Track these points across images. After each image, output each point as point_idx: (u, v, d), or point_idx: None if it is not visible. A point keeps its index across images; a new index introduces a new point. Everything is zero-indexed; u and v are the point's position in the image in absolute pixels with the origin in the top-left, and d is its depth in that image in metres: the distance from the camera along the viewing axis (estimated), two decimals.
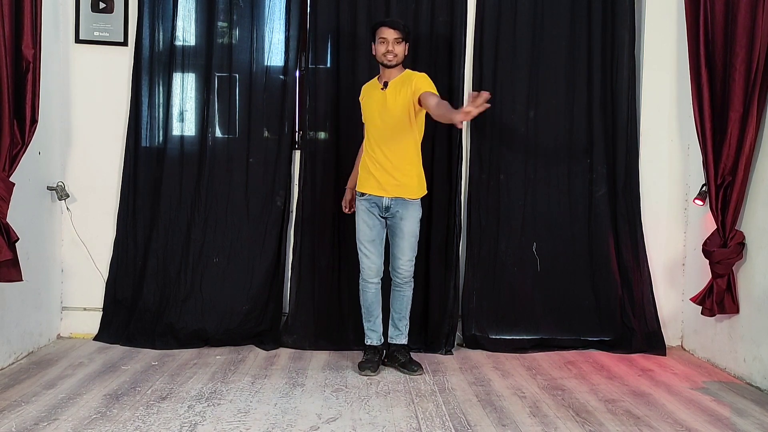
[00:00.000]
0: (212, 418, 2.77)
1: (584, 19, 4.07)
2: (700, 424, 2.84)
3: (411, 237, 3.50)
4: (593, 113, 4.08)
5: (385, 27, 3.45)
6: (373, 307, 3.56)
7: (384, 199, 3.46)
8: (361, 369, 3.46)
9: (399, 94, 3.43)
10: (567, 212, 4.09)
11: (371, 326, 3.58)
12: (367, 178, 3.49)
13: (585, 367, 3.67)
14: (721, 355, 3.70)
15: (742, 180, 3.46)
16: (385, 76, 3.49)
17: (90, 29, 3.96)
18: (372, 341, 3.57)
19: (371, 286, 3.53)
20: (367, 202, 3.49)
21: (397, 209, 3.47)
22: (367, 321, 3.58)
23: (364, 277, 3.54)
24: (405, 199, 3.47)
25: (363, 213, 3.51)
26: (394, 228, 3.50)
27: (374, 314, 3.57)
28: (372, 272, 3.52)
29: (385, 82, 3.48)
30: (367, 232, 3.50)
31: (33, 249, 3.58)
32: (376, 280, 3.53)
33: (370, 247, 3.50)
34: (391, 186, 3.45)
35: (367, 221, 3.50)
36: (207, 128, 3.99)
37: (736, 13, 3.41)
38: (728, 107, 3.47)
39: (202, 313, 3.90)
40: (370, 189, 3.48)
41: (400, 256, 3.51)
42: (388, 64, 3.45)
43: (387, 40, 3.42)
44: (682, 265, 4.13)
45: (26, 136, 3.24)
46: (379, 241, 3.53)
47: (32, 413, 2.76)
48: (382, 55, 3.44)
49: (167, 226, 3.96)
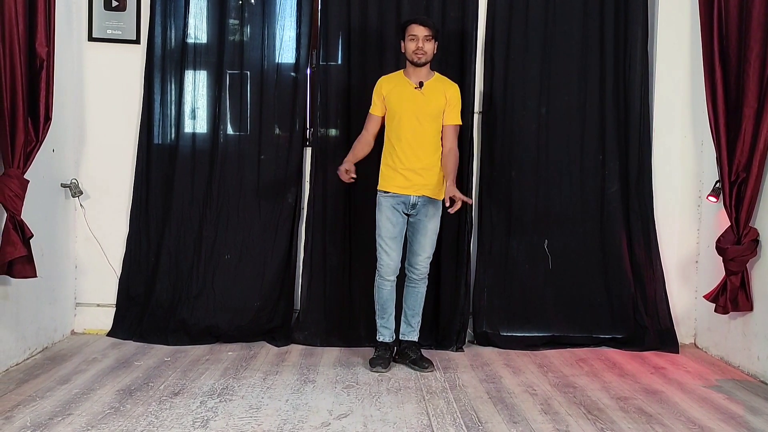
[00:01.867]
0: (224, 413, 2.79)
1: (596, 14, 4.04)
2: (713, 423, 2.82)
3: (433, 234, 3.52)
4: (606, 109, 4.06)
5: (415, 24, 3.43)
6: (388, 304, 3.55)
7: (411, 198, 3.46)
8: (372, 365, 3.46)
9: (436, 97, 3.45)
10: (579, 209, 4.07)
11: (384, 323, 3.58)
12: (394, 177, 3.46)
13: (597, 364, 3.65)
14: (735, 352, 3.68)
15: (756, 176, 3.42)
16: (414, 75, 3.48)
17: (103, 27, 3.98)
18: (384, 338, 3.58)
19: (387, 284, 3.53)
20: (393, 200, 3.48)
21: (422, 207, 3.47)
22: (381, 318, 3.58)
23: (381, 273, 3.52)
24: (431, 198, 3.48)
25: (387, 210, 3.49)
26: (417, 225, 3.50)
27: (388, 311, 3.57)
28: (390, 270, 3.50)
29: (420, 82, 3.46)
30: (390, 229, 3.48)
31: (47, 245, 3.61)
32: (393, 278, 3.52)
33: (391, 245, 3.49)
34: (419, 185, 3.45)
35: (391, 218, 3.48)
36: (219, 125, 4.00)
37: (750, 6, 3.38)
38: (742, 103, 3.44)
39: (214, 310, 3.92)
40: (397, 188, 3.46)
41: (420, 252, 3.51)
42: (418, 62, 3.44)
43: (417, 37, 3.41)
44: (696, 263, 4.10)
45: (40, 134, 3.26)
46: (400, 239, 3.52)
47: (47, 408, 2.79)
48: (413, 52, 3.42)
49: (179, 222, 3.98)
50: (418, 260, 3.52)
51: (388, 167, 3.50)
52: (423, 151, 3.45)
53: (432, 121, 3.46)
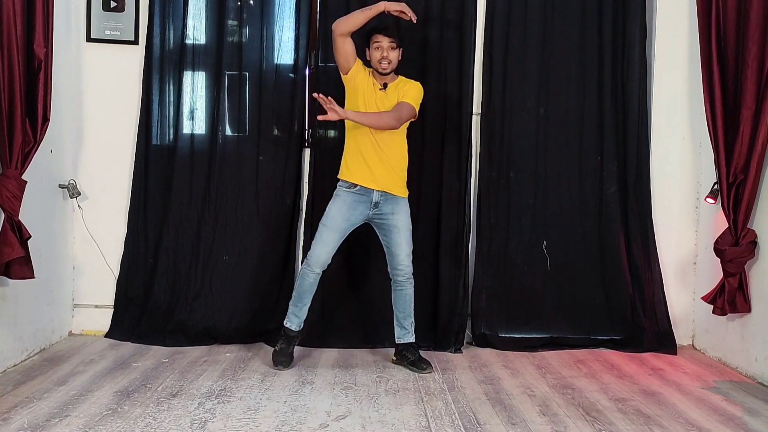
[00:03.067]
0: (222, 415, 2.79)
1: (595, 15, 4.04)
2: (711, 424, 2.82)
3: (406, 231, 3.49)
4: (604, 110, 4.06)
5: (379, 34, 3.44)
6: (306, 295, 3.49)
7: (374, 193, 3.43)
8: (275, 363, 3.44)
9: (396, 98, 3.45)
10: (577, 210, 4.08)
11: (296, 311, 3.51)
12: (360, 168, 3.42)
13: (595, 365, 3.65)
14: (733, 354, 3.68)
15: (754, 178, 3.43)
16: (380, 79, 3.49)
17: (101, 28, 3.98)
18: (291, 325, 3.51)
19: (312, 275, 3.46)
20: (354, 195, 3.44)
21: (386, 206, 3.46)
22: (295, 305, 3.51)
23: (309, 263, 3.45)
24: (394, 196, 3.47)
25: (343, 204, 3.44)
26: (386, 225, 3.48)
27: (304, 300, 3.50)
28: (320, 261, 3.44)
29: (384, 84, 3.47)
30: (338, 222, 3.43)
31: (45, 246, 3.60)
32: (319, 271, 3.46)
33: (332, 236, 3.43)
34: (383, 178, 3.43)
35: (344, 212, 3.43)
36: (217, 126, 4.00)
37: (748, 8, 3.38)
38: (740, 104, 3.44)
39: (212, 311, 3.92)
40: (361, 180, 3.42)
41: (398, 252, 3.48)
42: (383, 72, 3.45)
43: (382, 46, 3.41)
44: (694, 264, 4.10)
45: (38, 135, 3.26)
46: (341, 236, 3.46)
47: (44, 409, 2.78)
48: (377, 62, 3.43)
49: (178, 224, 3.98)
50: (399, 260, 3.49)
51: (354, 157, 3.45)
52: (386, 146, 3.44)
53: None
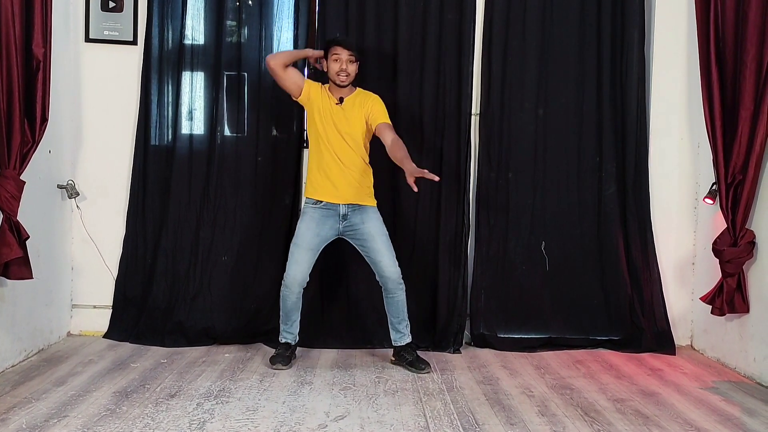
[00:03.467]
0: (221, 415, 2.78)
1: (594, 17, 4.05)
2: (710, 424, 2.82)
3: (383, 236, 3.49)
4: (603, 111, 4.07)
5: (339, 46, 3.45)
6: (293, 313, 3.52)
7: (341, 207, 3.45)
8: (272, 362, 3.46)
9: (355, 112, 3.47)
10: (576, 211, 4.08)
11: (288, 329, 3.55)
12: (323, 184, 3.45)
13: (594, 366, 3.65)
14: (731, 354, 3.68)
15: (752, 179, 3.43)
16: (336, 92, 3.50)
17: (100, 28, 3.98)
18: (287, 340, 3.56)
19: (293, 296, 3.47)
20: (322, 211, 3.46)
21: (354, 217, 3.46)
22: (284, 324, 3.55)
23: (287, 284, 3.46)
24: (361, 206, 3.48)
25: (311, 221, 3.46)
26: (359, 235, 3.48)
27: (292, 318, 3.54)
28: (296, 281, 3.45)
29: (340, 98, 3.48)
30: (308, 239, 3.44)
31: (43, 247, 3.60)
32: (299, 290, 3.47)
33: (305, 255, 3.44)
34: (349, 193, 3.45)
35: (313, 228, 3.45)
36: (216, 127, 4.00)
37: (747, 9, 3.39)
38: (739, 105, 3.44)
39: (210, 311, 3.92)
40: (326, 196, 3.45)
41: (380, 258, 3.47)
42: (341, 84, 3.47)
43: (341, 58, 3.43)
44: (692, 264, 4.11)
45: (36, 135, 3.26)
46: (314, 253, 3.48)
47: (42, 410, 2.78)
48: (336, 73, 3.45)
49: (176, 224, 3.98)
50: (384, 266, 3.47)
51: (317, 174, 3.48)
52: (347, 160, 3.46)
53: (356, 136, 3.47)
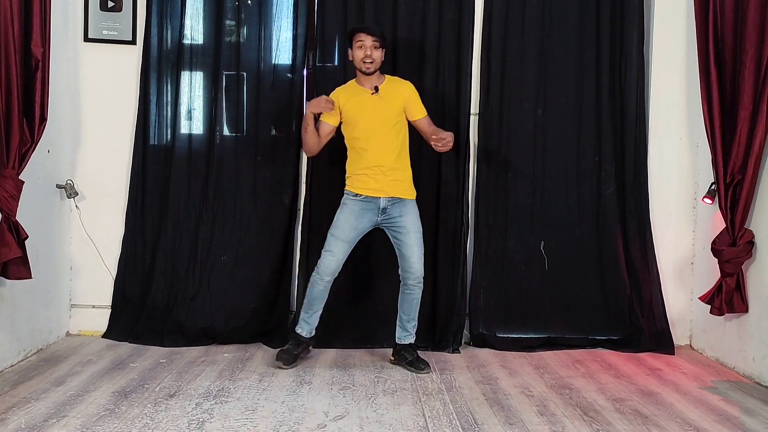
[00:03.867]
0: (220, 415, 2.78)
1: (593, 16, 4.05)
2: (709, 424, 2.82)
3: (417, 232, 3.50)
4: (602, 111, 4.07)
5: (362, 32, 3.44)
6: (317, 302, 3.51)
7: (380, 200, 3.45)
8: (277, 358, 3.45)
9: (393, 98, 3.47)
10: (575, 210, 4.08)
11: (308, 318, 3.53)
12: (366, 181, 3.46)
13: (593, 366, 3.65)
14: (730, 354, 3.68)
15: (751, 178, 3.43)
16: (367, 82, 3.49)
17: (99, 28, 3.97)
18: (302, 332, 3.54)
19: (322, 283, 3.48)
20: (362, 203, 3.46)
21: (394, 210, 3.47)
22: (306, 312, 3.54)
23: (320, 271, 3.47)
24: (402, 199, 3.48)
25: (350, 213, 3.46)
26: (397, 228, 3.49)
27: (314, 308, 3.53)
28: (329, 270, 3.46)
29: (375, 87, 3.47)
30: (346, 231, 3.45)
31: (42, 247, 3.60)
32: (330, 279, 3.48)
33: (341, 246, 3.45)
34: (390, 187, 3.45)
35: (352, 222, 3.45)
36: (215, 126, 4.00)
37: (745, 9, 3.39)
38: (738, 105, 3.45)
39: (210, 311, 3.91)
40: (368, 191, 3.45)
41: (410, 254, 3.49)
42: (366, 72, 3.45)
43: (365, 45, 3.41)
44: (691, 264, 4.11)
45: (35, 135, 3.25)
46: (350, 245, 3.48)
47: (41, 410, 2.77)
48: (361, 60, 3.43)
49: (175, 224, 3.97)
50: (411, 262, 3.50)
51: (356, 171, 3.48)
52: (389, 153, 3.45)
53: (394, 123, 3.46)
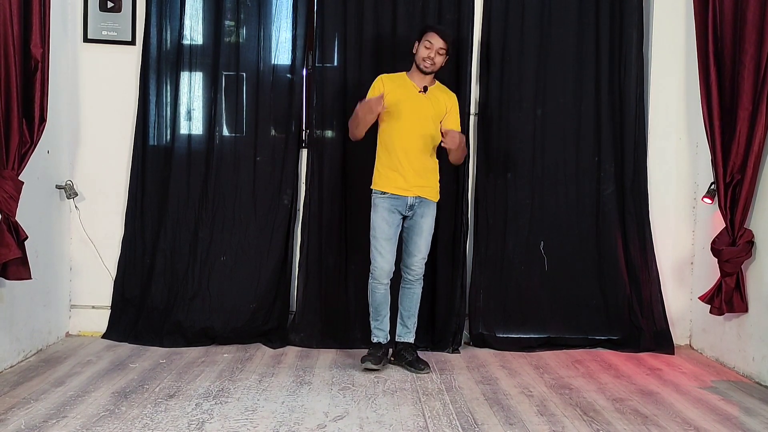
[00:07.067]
0: (220, 415, 2.78)
1: (592, 17, 4.05)
2: (709, 424, 2.82)
3: (428, 235, 3.53)
4: (601, 111, 4.07)
5: (435, 34, 3.43)
6: (382, 306, 3.54)
7: (408, 198, 3.47)
8: (362, 361, 3.45)
9: (437, 103, 3.48)
10: (574, 211, 4.08)
11: (379, 325, 3.56)
12: (394, 178, 3.46)
13: (592, 365, 3.65)
14: (730, 354, 3.69)
15: (751, 178, 3.44)
16: (419, 79, 3.48)
17: (98, 28, 3.97)
18: (379, 339, 3.57)
19: (381, 287, 3.50)
20: (391, 201, 3.47)
21: (419, 209, 3.49)
22: (375, 320, 3.57)
23: (375, 276, 3.49)
24: (428, 200, 3.50)
25: (384, 211, 3.47)
26: (413, 226, 3.51)
27: (382, 314, 3.55)
28: (384, 272, 3.48)
29: (424, 87, 3.47)
30: (385, 230, 3.47)
31: (42, 247, 3.59)
32: (387, 281, 3.50)
33: (386, 246, 3.47)
34: (418, 186, 3.47)
35: (388, 219, 3.47)
36: (214, 127, 4.00)
37: (745, 9, 3.39)
38: (737, 105, 3.45)
39: (209, 312, 3.91)
40: (396, 189, 3.46)
41: (416, 253, 3.51)
42: (425, 71, 3.45)
43: (433, 46, 3.41)
44: (691, 264, 4.11)
45: (35, 135, 3.25)
46: (394, 241, 3.51)
47: (41, 411, 2.77)
48: (422, 59, 3.43)
49: (175, 224, 3.97)
50: (414, 261, 3.52)
51: (386, 168, 3.48)
52: (423, 152, 3.47)
53: (433, 125, 3.47)
